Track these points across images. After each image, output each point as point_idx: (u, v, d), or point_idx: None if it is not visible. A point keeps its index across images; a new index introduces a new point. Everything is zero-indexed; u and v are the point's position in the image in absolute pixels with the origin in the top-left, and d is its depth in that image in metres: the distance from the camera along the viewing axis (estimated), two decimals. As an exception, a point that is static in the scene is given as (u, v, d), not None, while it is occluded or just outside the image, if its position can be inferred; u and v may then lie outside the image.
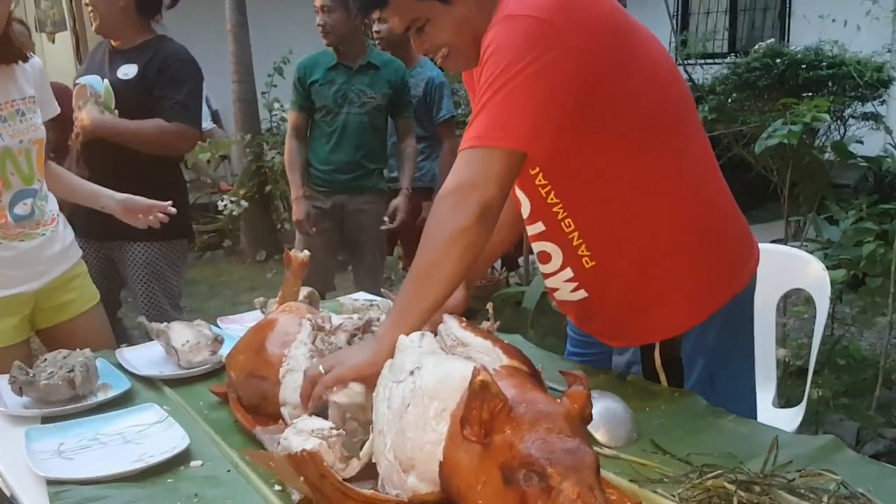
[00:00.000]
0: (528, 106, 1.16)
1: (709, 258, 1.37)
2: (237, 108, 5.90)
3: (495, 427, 0.87)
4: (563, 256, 1.39)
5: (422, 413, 0.97)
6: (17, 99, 1.82)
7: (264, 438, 1.23)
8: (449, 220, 1.16)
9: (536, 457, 0.84)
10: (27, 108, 1.83)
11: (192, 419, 1.39)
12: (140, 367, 1.63)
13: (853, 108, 4.49)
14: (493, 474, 0.87)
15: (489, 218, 1.17)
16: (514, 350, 1.04)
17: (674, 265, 1.35)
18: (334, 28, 3.03)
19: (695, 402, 1.33)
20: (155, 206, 2.03)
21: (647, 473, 1.10)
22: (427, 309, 1.17)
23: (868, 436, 2.52)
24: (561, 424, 0.88)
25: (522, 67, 1.14)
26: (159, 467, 1.19)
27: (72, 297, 1.97)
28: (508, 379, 0.95)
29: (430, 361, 1.02)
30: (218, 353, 1.64)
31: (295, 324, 1.39)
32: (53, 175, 2.01)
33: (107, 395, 1.47)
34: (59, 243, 1.92)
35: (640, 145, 1.28)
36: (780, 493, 0.99)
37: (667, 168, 1.31)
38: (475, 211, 1.15)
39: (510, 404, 0.88)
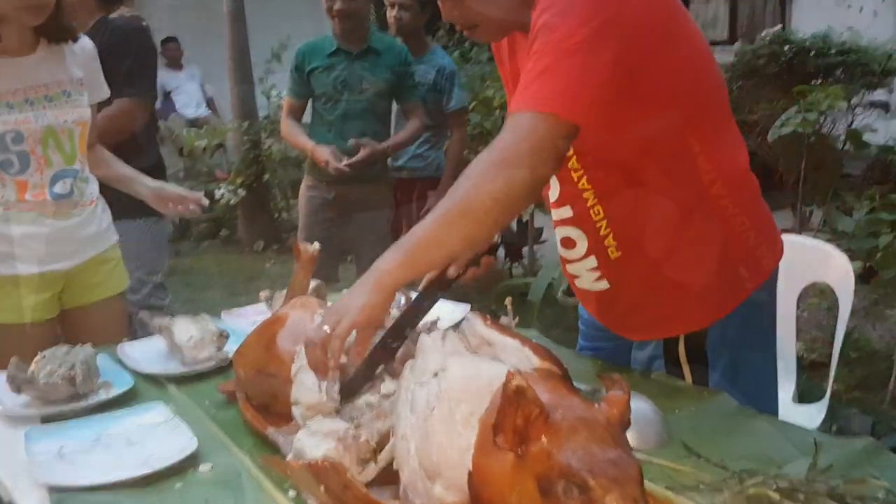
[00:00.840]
0: (591, 79, 1.11)
1: (735, 250, 1.33)
2: (233, 94, 5.81)
3: (531, 435, 0.81)
4: (589, 244, 1.34)
5: (448, 417, 0.91)
6: (65, 80, 1.83)
7: (278, 439, 1.18)
8: (502, 174, 1.11)
9: (577, 468, 0.78)
10: (74, 90, 1.85)
11: (199, 419, 1.33)
12: (142, 364, 1.57)
13: (861, 96, 4.43)
14: (529, 485, 0.81)
15: (538, 188, 1.16)
16: (544, 350, 0.98)
17: (699, 256, 1.31)
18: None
19: (725, 402, 1.28)
20: (188, 198, 2.03)
21: (681, 479, 1.05)
22: (444, 256, 1.14)
23: (883, 430, 2.48)
24: (601, 432, 0.83)
25: (587, 34, 1.10)
26: (166, 472, 1.13)
27: (100, 280, 1.97)
28: (542, 383, 0.89)
29: (456, 362, 0.96)
30: (224, 349, 1.58)
31: (307, 319, 1.33)
32: (96, 157, 2.02)
33: (108, 394, 1.41)
34: (95, 225, 1.93)
35: (676, 131, 1.23)
36: (826, 501, 0.94)
37: (700, 157, 1.26)
38: (529, 175, 1.11)
39: (546, 410, 0.83)
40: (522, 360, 0.97)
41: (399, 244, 1.15)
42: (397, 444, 0.98)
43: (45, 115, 1.77)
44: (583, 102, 1.11)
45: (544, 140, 1.12)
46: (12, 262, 1.78)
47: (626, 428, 0.89)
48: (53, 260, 1.84)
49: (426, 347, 1.05)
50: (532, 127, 1.12)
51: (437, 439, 0.91)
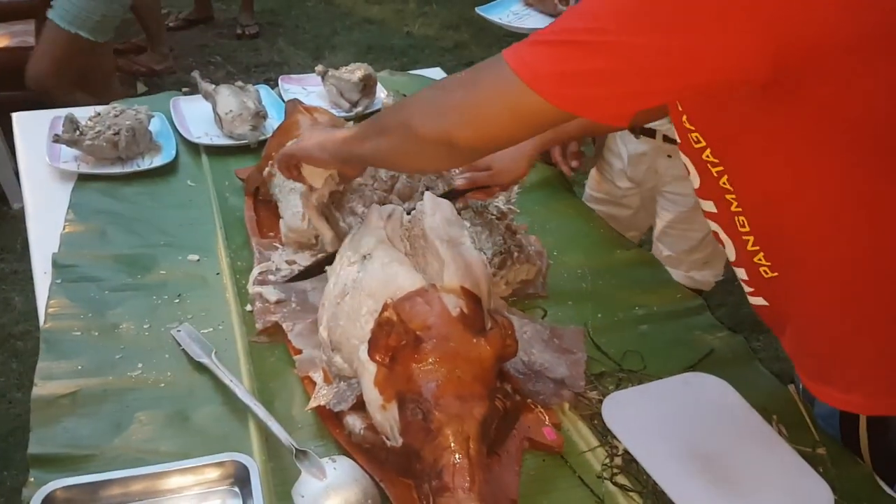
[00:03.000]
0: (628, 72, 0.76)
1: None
2: None
3: (399, 357, 0.90)
4: (737, 254, 1.02)
5: (355, 308, 1.00)
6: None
7: (256, 254, 1.31)
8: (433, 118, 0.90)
9: (426, 396, 0.88)
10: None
11: (207, 202, 1.48)
12: (191, 127, 1.70)
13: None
14: (392, 395, 0.92)
15: (459, 156, 0.94)
16: (467, 271, 1.01)
17: (877, 310, 0.93)
18: None
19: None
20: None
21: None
22: (367, 162, 1.11)
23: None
24: (466, 367, 0.90)
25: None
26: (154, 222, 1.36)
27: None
28: (435, 304, 0.95)
29: (381, 257, 1.03)
30: (259, 128, 1.68)
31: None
32: None
33: (152, 162, 1.56)
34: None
35: (854, 158, 0.82)
36: None
37: (878, 191, 0.85)
38: (461, 134, 0.87)
39: (419, 337, 0.90)
40: (441, 271, 1.01)
41: (355, 126, 1.12)
42: (320, 308, 1.09)
43: None
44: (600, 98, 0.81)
45: (517, 114, 0.84)
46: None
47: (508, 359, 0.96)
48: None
49: (370, 222, 1.11)
50: (514, 90, 0.81)
51: (342, 322, 1.02)
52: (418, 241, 1.07)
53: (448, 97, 0.90)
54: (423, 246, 1.06)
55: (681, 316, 1.26)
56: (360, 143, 1.03)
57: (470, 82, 0.88)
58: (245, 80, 1.80)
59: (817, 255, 0.92)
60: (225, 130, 1.67)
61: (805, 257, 0.93)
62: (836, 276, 0.92)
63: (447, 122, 0.88)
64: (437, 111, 0.90)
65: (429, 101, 0.94)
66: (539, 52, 0.80)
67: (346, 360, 1.02)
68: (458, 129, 0.87)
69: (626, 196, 1.68)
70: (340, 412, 0.99)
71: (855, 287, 0.91)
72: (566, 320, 1.24)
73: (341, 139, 1.07)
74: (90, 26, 2.62)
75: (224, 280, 1.28)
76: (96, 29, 2.64)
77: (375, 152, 1.00)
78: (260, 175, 1.43)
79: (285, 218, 1.32)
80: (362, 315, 1.00)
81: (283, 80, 1.97)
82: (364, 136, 1.03)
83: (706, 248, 1.59)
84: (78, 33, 2.61)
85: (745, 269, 1.02)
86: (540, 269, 1.32)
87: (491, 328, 0.95)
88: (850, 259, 0.89)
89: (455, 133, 0.87)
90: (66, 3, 2.61)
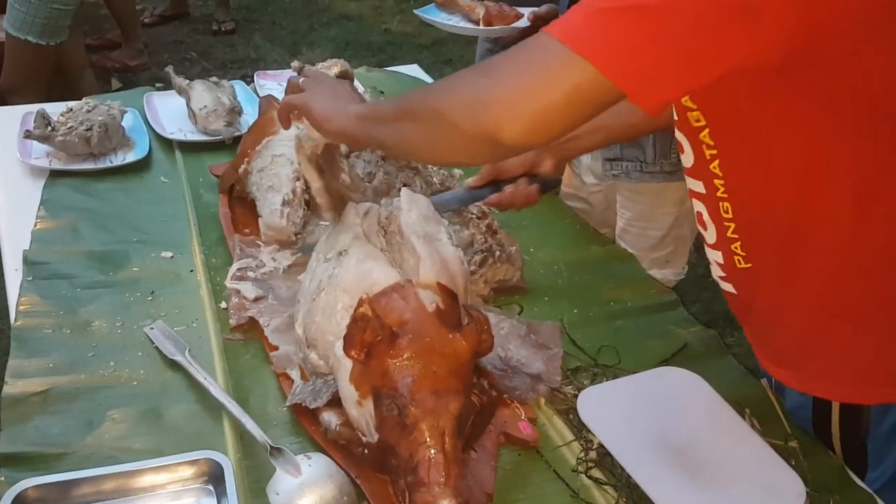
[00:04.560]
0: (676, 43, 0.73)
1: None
2: None
3: (375, 352, 0.90)
4: (717, 239, 1.00)
5: (331, 304, 1.00)
6: None
7: (235, 251, 1.30)
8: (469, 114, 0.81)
9: (402, 392, 0.88)
10: None
11: (180, 198, 1.47)
12: (165, 122, 1.69)
13: None
14: (368, 391, 0.92)
15: (501, 152, 0.87)
16: (443, 267, 1.01)
17: (860, 302, 0.93)
18: None
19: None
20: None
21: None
22: (377, 145, 1.03)
23: None
24: (441, 362, 0.90)
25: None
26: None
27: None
28: (411, 299, 0.94)
29: (356, 253, 1.02)
30: (234, 124, 1.67)
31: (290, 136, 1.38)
32: None
33: (124, 158, 1.55)
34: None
35: (854, 148, 0.82)
36: None
37: (870, 188, 0.85)
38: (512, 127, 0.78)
39: (395, 333, 0.90)
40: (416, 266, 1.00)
41: (372, 104, 1.08)
42: (296, 304, 1.09)
43: None
44: (653, 72, 0.77)
45: (571, 95, 0.76)
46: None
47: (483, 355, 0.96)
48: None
49: (347, 218, 1.11)
50: (568, 65, 0.74)
51: (318, 318, 1.01)
52: (394, 237, 1.07)
53: (492, 86, 0.79)
54: (399, 242, 1.06)
55: (654, 311, 1.28)
56: (378, 126, 0.93)
57: (515, 68, 0.78)
58: (221, 76, 1.79)
59: (797, 251, 0.92)
60: (199, 126, 1.65)
61: (783, 253, 0.94)
62: (814, 272, 0.92)
63: (491, 115, 0.78)
64: (479, 102, 0.79)
65: (468, 89, 0.82)
66: (596, 23, 0.73)
67: (321, 356, 1.02)
68: (506, 123, 0.77)
69: (592, 193, 1.69)
70: (316, 409, 0.98)
71: (834, 284, 0.92)
72: (542, 316, 1.25)
73: (355, 115, 0.96)
74: (38, 30, 2.55)
75: (198, 277, 1.27)
76: (45, 32, 2.57)
77: (396, 139, 0.91)
78: (235, 172, 1.42)
79: (263, 216, 1.31)
80: (338, 311, 0.99)
81: (259, 75, 1.95)
82: (383, 118, 0.93)
83: (667, 247, 1.60)
84: (27, 39, 2.56)
85: (721, 253, 1.01)
86: (519, 268, 1.33)
87: (467, 324, 0.95)
88: (832, 256, 0.90)
89: (502, 127, 0.77)
90: (13, 10, 2.56)
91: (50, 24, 2.57)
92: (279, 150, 1.36)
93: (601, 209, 1.70)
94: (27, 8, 2.51)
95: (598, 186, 1.67)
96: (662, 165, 1.49)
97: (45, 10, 2.53)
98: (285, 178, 1.32)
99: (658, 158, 1.48)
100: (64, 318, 1.15)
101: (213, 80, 1.74)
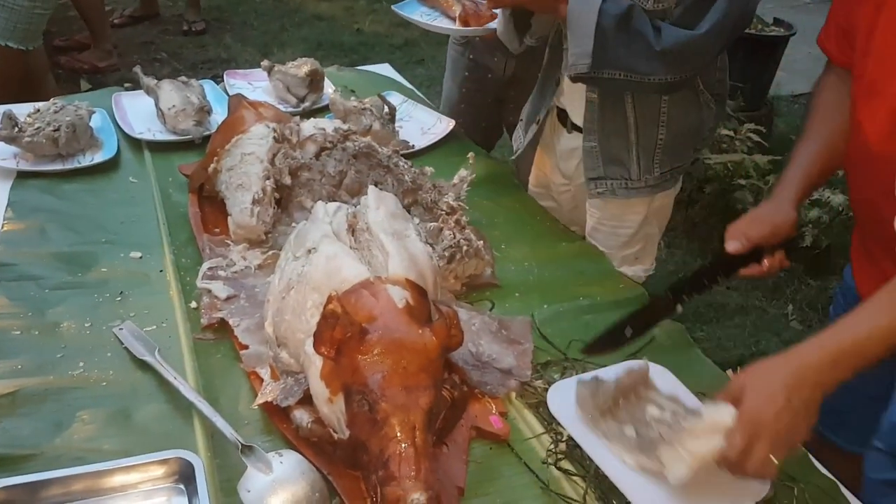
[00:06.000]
0: None
1: None
2: None
3: (345, 349, 0.90)
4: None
5: (300, 302, 1.00)
6: None
7: (205, 249, 1.30)
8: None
9: (372, 388, 0.88)
10: None
11: (149, 199, 1.46)
12: (133, 122, 1.67)
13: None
14: (338, 387, 0.92)
15: None
16: (412, 263, 1.02)
17: None
18: None
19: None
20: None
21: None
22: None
23: None
24: (411, 358, 0.90)
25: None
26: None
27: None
28: (380, 295, 0.95)
29: (325, 250, 1.02)
30: (203, 124, 1.66)
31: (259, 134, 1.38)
32: None
33: (93, 159, 1.53)
34: None
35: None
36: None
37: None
38: None
39: (365, 329, 0.91)
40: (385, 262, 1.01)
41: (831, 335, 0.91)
42: (265, 304, 1.09)
43: None
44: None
45: None
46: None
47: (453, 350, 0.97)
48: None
49: (316, 216, 1.12)
50: None
51: (288, 317, 1.02)
52: (363, 234, 1.08)
53: None
54: (367, 239, 1.07)
55: (623, 305, 1.29)
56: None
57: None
58: (191, 77, 1.77)
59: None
60: (168, 126, 1.65)
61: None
62: None
63: None
64: None
65: None
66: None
67: (292, 355, 1.02)
68: None
69: (560, 193, 1.71)
70: (288, 407, 0.98)
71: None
72: (513, 311, 1.26)
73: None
74: (19, 36, 2.51)
75: (168, 277, 1.26)
76: (25, 38, 2.53)
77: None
78: (205, 171, 1.41)
79: (233, 215, 1.31)
80: (308, 309, 0.99)
81: (229, 74, 1.95)
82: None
83: (636, 244, 1.62)
84: (7, 45, 2.52)
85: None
86: (489, 263, 1.34)
87: (436, 319, 0.95)
88: None
89: None
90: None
91: (31, 29, 2.54)
92: (249, 149, 1.36)
93: (569, 208, 1.71)
94: (9, 14, 2.47)
95: (567, 186, 1.68)
96: (647, 181, 1.51)
97: (27, 15, 2.50)
98: (255, 177, 1.32)
99: (643, 174, 1.50)
100: (32, 320, 1.14)
101: (182, 80, 1.73)
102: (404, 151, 1.62)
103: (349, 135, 1.46)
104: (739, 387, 0.90)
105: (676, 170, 1.55)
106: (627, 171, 1.50)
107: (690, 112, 1.48)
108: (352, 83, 1.97)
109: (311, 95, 1.83)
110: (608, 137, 1.48)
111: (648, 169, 1.50)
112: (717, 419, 0.89)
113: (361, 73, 2.10)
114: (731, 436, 0.87)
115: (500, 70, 1.94)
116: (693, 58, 1.35)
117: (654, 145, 1.48)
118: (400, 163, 1.44)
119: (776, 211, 1.18)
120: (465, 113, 2.00)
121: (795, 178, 1.21)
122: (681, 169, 1.56)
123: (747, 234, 1.15)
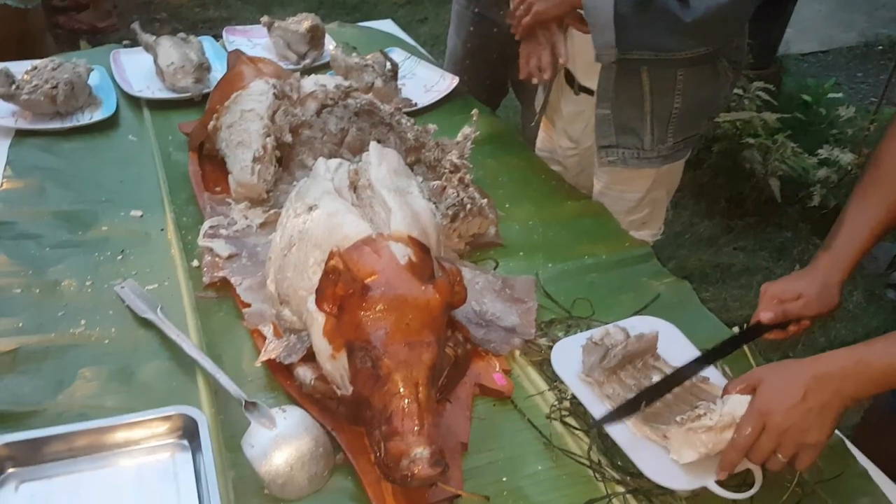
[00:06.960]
0: None
1: None
2: None
3: (347, 306, 0.89)
4: None
5: (303, 259, 0.99)
6: None
7: (206, 208, 1.28)
8: None
9: (374, 344, 0.87)
10: None
11: (150, 158, 1.44)
12: (132, 80, 1.65)
13: None
14: (341, 344, 0.91)
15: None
16: (415, 219, 1.01)
17: None
18: None
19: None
20: None
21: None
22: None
23: None
24: (414, 314, 0.89)
25: None
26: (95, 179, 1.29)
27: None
28: (383, 252, 0.94)
29: (326, 207, 1.01)
30: (203, 81, 1.63)
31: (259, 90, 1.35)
32: None
33: (91, 117, 1.51)
34: None
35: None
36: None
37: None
38: None
39: (367, 285, 0.89)
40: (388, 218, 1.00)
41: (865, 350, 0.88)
42: (266, 262, 1.08)
43: None
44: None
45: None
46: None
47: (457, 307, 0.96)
48: None
49: (317, 173, 1.10)
50: None
51: (290, 274, 1.01)
52: (365, 191, 1.06)
53: None
54: (369, 196, 1.05)
55: (628, 264, 1.28)
56: None
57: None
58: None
59: None
60: (167, 83, 1.62)
61: None
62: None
63: None
64: None
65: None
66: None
67: (294, 312, 1.01)
68: None
69: (567, 157, 1.68)
70: (291, 364, 0.98)
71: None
72: (518, 271, 1.25)
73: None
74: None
75: (169, 236, 1.25)
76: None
77: None
78: (205, 129, 1.39)
79: (234, 173, 1.29)
80: (310, 266, 0.98)
81: (228, 31, 1.92)
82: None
83: (644, 209, 1.60)
84: (6, 3, 2.48)
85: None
86: (493, 222, 1.32)
87: (439, 276, 0.94)
88: None
89: None
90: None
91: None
92: (248, 105, 1.33)
93: (576, 172, 1.69)
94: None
95: (574, 150, 1.66)
96: (660, 150, 1.48)
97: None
98: (255, 134, 1.30)
99: (656, 144, 1.47)
100: (32, 278, 1.13)
101: (181, 37, 1.70)
102: (407, 109, 1.59)
103: (351, 92, 1.43)
104: (758, 378, 0.90)
105: (690, 139, 1.52)
106: (641, 140, 1.47)
107: (707, 81, 1.44)
108: (353, 40, 1.93)
109: (312, 52, 1.80)
110: (622, 106, 1.44)
111: (662, 139, 1.47)
112: (736, 416, 0.89)
113: (363, 30, 2.07)
114: (740, 423, 0.87)
115: (506, 24, 1.89)
116: (724, 25, 1.31)
117: (668, 115, 1.45)
118: (403, 120, 1.42)
119: (821, 293, 1.05)
120: (470, 70, 1.97)
121: (849, 253, 1.06)
122: (694, 138, 1.53)
123: (786, 307, 1.06)
